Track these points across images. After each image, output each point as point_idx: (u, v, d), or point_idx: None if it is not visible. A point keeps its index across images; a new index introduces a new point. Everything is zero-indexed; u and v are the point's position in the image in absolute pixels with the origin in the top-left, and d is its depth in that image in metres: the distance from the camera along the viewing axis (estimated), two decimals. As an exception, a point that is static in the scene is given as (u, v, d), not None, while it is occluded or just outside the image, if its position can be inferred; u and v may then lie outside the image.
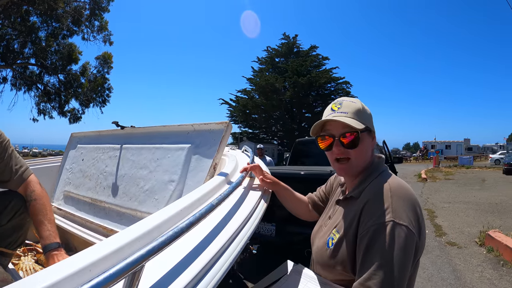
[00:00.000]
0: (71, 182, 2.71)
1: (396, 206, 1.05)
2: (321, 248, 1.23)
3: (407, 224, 1.01)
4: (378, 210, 1.06)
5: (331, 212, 1.35)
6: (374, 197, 1.11)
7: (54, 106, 23.87)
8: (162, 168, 2.02)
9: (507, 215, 8.36)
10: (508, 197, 11.45)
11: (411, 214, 1.05)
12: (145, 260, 0.64)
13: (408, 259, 1.00)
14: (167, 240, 0.70)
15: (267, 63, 36.73)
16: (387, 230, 1.00)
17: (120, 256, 0.70)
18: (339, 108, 1.20)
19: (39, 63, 21.76)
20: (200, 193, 1.15)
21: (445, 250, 5.62)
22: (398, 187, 1.11)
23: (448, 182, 17.78)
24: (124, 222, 2.06)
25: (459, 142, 61.61)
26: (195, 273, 0.76)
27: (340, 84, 35.19)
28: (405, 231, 1.00)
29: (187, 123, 2.08)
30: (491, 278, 4.35)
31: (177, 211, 0.97)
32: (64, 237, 2.33)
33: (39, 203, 1.63)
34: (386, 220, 1.02)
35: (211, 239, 0.92)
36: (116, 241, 0.75)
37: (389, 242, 0.98)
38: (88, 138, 2.93)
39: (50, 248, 1.48)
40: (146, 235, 0.81)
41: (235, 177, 1.56)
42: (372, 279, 0.96)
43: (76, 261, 0.68)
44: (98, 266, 0.67)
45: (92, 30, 22.77)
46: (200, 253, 0.84)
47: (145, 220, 0.88)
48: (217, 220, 1.03)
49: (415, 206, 1.08)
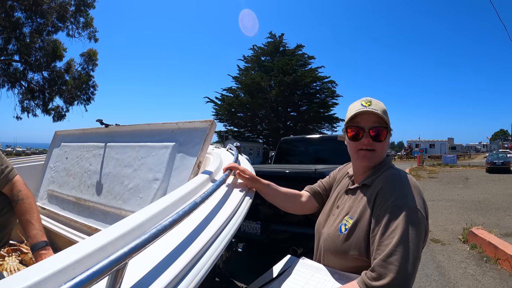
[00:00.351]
0: (55, 181, 2.68)
1: (408, 192, 1.17)
2: (333, 235, 1.29)
3: (420, 208, 1.13)
4: (392, 195, 1.16)
5: (339, 202, 1.42)
6: (388, 183, 1.22)
7: (38, 104, 23.51)
8: (146, 167, 2.01)
9: (490, 212, 8.52)
10: (491, 195, 11.69)
11: (421, 200, 1.17)
12: (128, 257, 0.64)
13: (421, 239, 1.10)
14: (150, 238, 0.70)
15: (253, 61, 36.56)
16: (403, 212, 1.10)
17: (103, 254, 0.70)
18: (370, 105, 1.30)
19: (23, 59, 21.36)
20: (183, 191, 1.16)
21: (429, 247, 5.69)
22: (406, 178, 1.24)
23: (432, 180, 18.05)
24: (109, 221, 2.04)
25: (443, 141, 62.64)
26: (179, 270, 0.77)
27: (325, 83, 35.29)
28: (418, 214, 1.11)
29: (172, 121, 2.06)
30: (474, 274, 4.41)
31: (161, 209, 0.97)
32: (48, 236, 2.30)
33: (26, 202, 1.63)
34: (401, 203, 1.12)
35: (194, 236, 0.93)
36: (99, 239, 0.75)
37: (406, 222, 1.07)
38: (72, 136, 2.89)
39: (38, 247, 1.49)
40: (129, 233, 0.81)
41: (219, 175, 1.55)
42: (394, 255, 1.03)
43: (60, 259, 0.68)
44: (81, 264, 0.67)
45: (77, 27, 22.48)
46: (183, 251, 0.85)
47: (129, 218, 0.88)
48: (200, 218, 1.03)
49: (421, 194, 1.20)
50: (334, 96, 35.24)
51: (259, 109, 33.44)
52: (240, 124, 36.10)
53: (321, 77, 34.46)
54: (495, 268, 4.56)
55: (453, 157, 35.41)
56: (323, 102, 34.68)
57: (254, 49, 36.89)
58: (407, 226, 1.07)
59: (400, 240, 1.04)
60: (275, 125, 34.57)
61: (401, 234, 1.06)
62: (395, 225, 1.08)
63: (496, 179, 17.60)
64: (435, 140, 62.12)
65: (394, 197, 1.15)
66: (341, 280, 1.19)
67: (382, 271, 1.02)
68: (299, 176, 3.84)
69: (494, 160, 22.75)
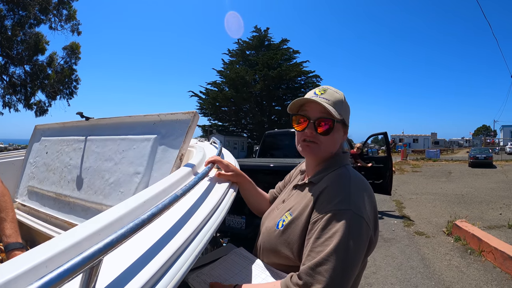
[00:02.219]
0: (35, 176, 2.59)
1: (355, 197, 1.05)
2: (270, 229, 1.23)
3: (365, 217, 1.02)
4: (336, 197, 1.05)
5: (286, 197, 1.35)
6: (334, 184, 1.11)
7: (19, 99, 22.98)
8: (127, 160, 1.95)
9: (473, 205, 8.71)
10: (473, 189, 11.94)
11: (369, 208, 1.06)
12: (102, 254, 0.60)
13: (361, 252, 1.00)
14: (126, 233, 0.66)
15: (237, 55, 36.32)
16: (344, 218, 0.99)
17: (78, 250, 0.66)
18: (323, 94, 1.20)
19: (4, 53, 20.80)
20: (165, 184, 1.12)
21: (413, 240, 5.79)
22: (358, 181, 1.12)
23: (416, 174, 18.35)
24: (89, 217, 1.95)
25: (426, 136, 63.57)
26: (159, 266, 0.73)
27: (310, 78, 35.27)
28: (362, 223, 1.00)
29: (153, 113, 2.01)
30: (459, 266, 4.51)
31: (140, 203, 0.93)
32: (29, 234, 2.23)
33: (1, 200, 1.55)
34: (344, 208, 1.01)
35: (175, 231, 0.89)
36: (74, 234, 0.71)
37: (345, 230, 0.97)
38: (52, 130, 2.80)
39: (14, 248, 1.41)
40: (106, 228, 0.77)
41: (202, 168, 1.51)
42: (324, 264, 0.93)
43: (32, 257, 0.63)
44: (54, 262, 0.62)
45: (60, 19, 21.96)
46: (164, 246, 0.81)
47: (106, 213, 0.84)
48: (182, 212, 0.99)
49: (373, 203, 1.10)
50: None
51: (243, 103, 33.31)
52: (225, 118, 35.93)
53: (306, 71, 34.50)
54: (479, 260, 4.66)
55: (436, 152, 35.93)
56: (308, 96, 34.54)
57: (239, 43, 36.69)
58: (346, 235, 0.96)
59: (335, 250, 0.94)
60: (260, 119, 34.50)
61: (337, 243, 0.95)
62: (333, 232, 0.97)
63: (478, 173, 17.98)
64: (418, 135, 62.95)
65: (338, 199, 1.04)
66: (273, 278, 1.12)
67: (308, 280, 0.93)
68: (283, 170, 3.83)
69: (476, 155, 23.22)
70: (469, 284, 3.93)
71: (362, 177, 1.17)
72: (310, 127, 1.19)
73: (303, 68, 34.31)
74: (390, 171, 8.27)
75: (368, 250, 1.05)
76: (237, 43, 36.89)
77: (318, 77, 35.35)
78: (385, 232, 6.32)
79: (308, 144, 1.21)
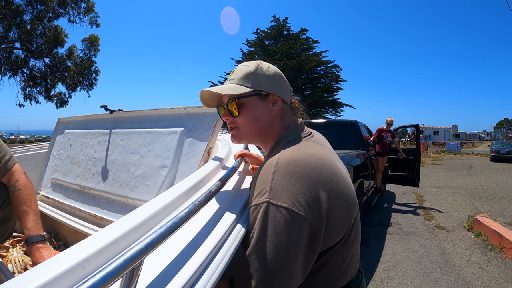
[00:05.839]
0: (58, 169, 2.62)
1: (276, 184, 0.87)
2: None
3: (288, 206, 0.84)
4: (256, 189, 0.91)
5: None
6: (259, 173, 0.96)
7: (40, 91, 23.50)
8: (153, 153, 1.94)
9: (494, 201, 8.51)
10: (495, 184, 11.65)
11: (301, 192, 0.86)
12: (144, 254, 0.57)
13: (291, 246, 0.83)
14: (166, 232, 0.63)
15: (256, 45, 36.03)
16: (259, 213, 0.86)
17: (115, 250, 0.64)
18: (230, 75, 1.10)
19: (24, 47, 21.23)
20: (195, 179, 1.09)
21: (433, 234, 5.70)
22: (289, 161, 0.91)
23: (436, 167, 18.05)
24: (115, 210, 1.99)
25: (447, 128, 62.37)
26: (198, 264, 0.71)
27: (329, 68, 34.76)
28: (284, 214, 0.84)
29: (179, 106, 1.99)
30: (479, 262, 4.42)
31: (173, 199, 0.90)
32: (53, 226, 2.26)
33: (23, 193, 1.54)
34: (261, 201, 0.87)
35: (211, 227, 0.87)
36: (109, 233, 0.68)
37: (261, 227, 0.85)
38: (75, 123, 2.82)
39: (35, 241, 1.39)
40: (141, 225, 0.74)
41: (230, 162, 1.50)
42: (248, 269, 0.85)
43: (68, 257, 0.60)
44: (91, 262, 0.60)
45: (78, 12, 22.28)
46: (200, 243, 0.78)
47: (139, 210, 0.81)
48: (215, 207, 0.97)
49: (314, 182, 0.88)
50: (338, 81, 34.77)
51: (262, 93, 33.25)
52: (243, 109, 35.98)
53: (325, 61, 34.03)
54: (500, 257, 4.56)
55: (457, 145, 35.27)
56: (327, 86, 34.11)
57: (258, 33, 36.46)
58: (262, 232, 0.84)
59: (254, 250, 0.85)
60: (224, 120, 34.25)
61: (254, 243, 0.85)
62: (253, 231, 0.87)
63: (500, 168, 17.56)
64: (439, 127, 61.77)
65: (257, 192, 0.90)
66: None
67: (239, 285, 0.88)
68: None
69: (498, 149, 22.68)
70: (489, 281, 3.84)
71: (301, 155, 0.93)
72: (225, 114, 1.09)
73: (322, 58, 33.88)
74: (418, 163, 8.19)
75: (314, 241, 0.87)
76: (255, 33, 36.65)
77: (337, 67, 34.86)
78: (405, 225, 6.24)
79: (231, 131, 1.12)
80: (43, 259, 1.28)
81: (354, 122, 7.72)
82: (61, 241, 2.19)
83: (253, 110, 1.06)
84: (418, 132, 8.37)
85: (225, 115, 1.09)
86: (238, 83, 1.05)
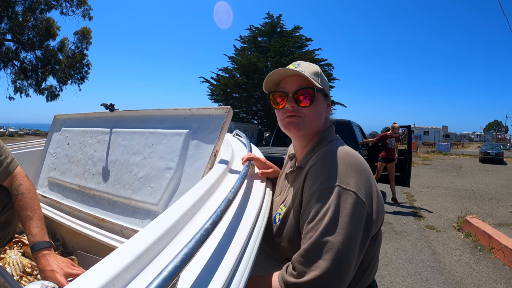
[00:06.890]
0: (56, 167, 2.56)
1: (342, 171, 0.96)
2: (269, 226, 1.15)
3: (355, 191, 0.92)
4: (322, 175, 0.97)
5: (280, 188, 1.29)
6: (319, 162, 1.03)
7: (31, 84, 23.23)
8: (157, 154, 1.91)
9: (483, 202, 8.65)
10: (484, 185, 11.84)
11: (361, 181, 0.96)
12: (180, 270, 0.56)
13: (357, 229, 0.90)
14: (197, 245, 0.63)
15: (249, 42, 35.93)
16: (332, 196, 0.91)
17: (141, 264, 0.63)
18: (297, 67, 1.13)
19: (15, 39, 20.93)
20: (207, 184, 1.08)
21: (424, 234, 5.78)
22: (346, 154, 1.02)
23: (426, 167, 18.22)
24: (117, 211, 1.95)
25: (437, 128, 62.88)
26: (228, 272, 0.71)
27: (322, 66, 34.92)
28: (353, 198, 0.91)
29: (184, 107, 1.97)
30: (469, 262, 4.51)
31: (189, 207, 0.89)
32: (50, 226, 2.19)
33: (27, 197, 1.48)
34: (330, 185, 0.93)
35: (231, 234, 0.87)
36: (134, 247, 0.67)
37: (335, 209, 0.89)
38: (73, 120, 2.77)
39: (41, 247, 1.33)
40: (163, 236, 0.73)
41: (235, 164, 1.50)
42: (316, 249, 0.87)
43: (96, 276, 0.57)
44: (120, 280, 0.58)
45: (71, 5, 22.05)
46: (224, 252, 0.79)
47: (158, 220, 0.79)
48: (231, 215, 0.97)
49: (367, 175, 0.99)
50: (330, 79, 34.92)
51: (254, 90, 33.03)
52: (235, 105, 35.70)
53: (318, 59, 34.09)
54: (489, 257, 4.66)
55: (447, 145, 35.66)
56: (320, 84, 34.17)
57: (251, 29, 36.32)
58: (336, 213, 0.88)
59: (325, 231, 0.87)
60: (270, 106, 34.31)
61: (327, 223, 0.88)
62: (322, 213, 0.90)
63: (489, 169, 17.83)
64: (429, 127, 62.21)
65: (324, 177, 0.96)
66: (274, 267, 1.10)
67: (301, 268, 0.87)
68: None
69: (488, 150, 23.02)
70: (479, 280, 3.92)
71: (351, 149, 1.06)
72: (290, 101, 1.11)
73: (315, 56, 33.94)
74: (409, 163, 8.26)
75: (369, 226, 0.94)
76: (249, 29, 36.52)
77: (330, 65, 34.98)
78: (396, 224, 6.30)
79: (291, 119, 1.13)
80: (50, 267, 1.25)
81: (347, 122, 7.75)
82: (59, 242, 2.14)
83: (319, 106, 1.14)
84: (410, 133, 8.42)
85: (290, 101, 1.11)
86: (311, 76, 1.10)
